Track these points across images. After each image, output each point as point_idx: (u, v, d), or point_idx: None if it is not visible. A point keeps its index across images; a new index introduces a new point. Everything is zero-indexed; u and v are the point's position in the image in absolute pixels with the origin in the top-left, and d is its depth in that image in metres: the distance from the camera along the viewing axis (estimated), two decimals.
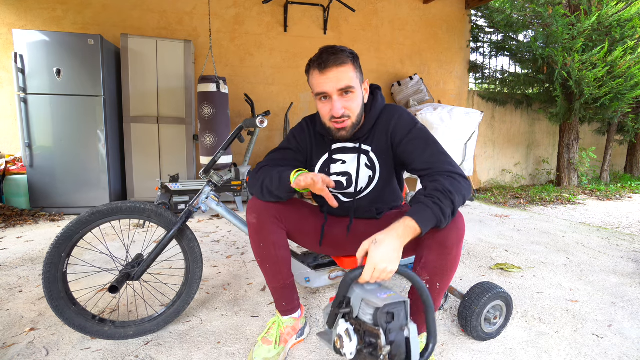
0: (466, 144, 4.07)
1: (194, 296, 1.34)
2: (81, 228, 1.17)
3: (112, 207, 1.20)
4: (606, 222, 3.17)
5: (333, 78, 1.01)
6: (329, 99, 1.05)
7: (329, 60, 1.01)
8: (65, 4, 3.54)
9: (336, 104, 1.03)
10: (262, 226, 1.11)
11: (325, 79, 1.02)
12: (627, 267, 2.02)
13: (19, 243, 2.31)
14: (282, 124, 4.26)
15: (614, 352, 1.22)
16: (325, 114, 1.08)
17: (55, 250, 1.14)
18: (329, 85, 1.02)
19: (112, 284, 1.12)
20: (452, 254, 0.96)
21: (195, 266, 1.33)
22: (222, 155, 1.38)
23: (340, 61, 1.01)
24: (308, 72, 1.09)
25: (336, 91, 1.02)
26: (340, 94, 1.04)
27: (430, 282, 0.99)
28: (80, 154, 3.13)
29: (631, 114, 5.11)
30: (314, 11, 4.26)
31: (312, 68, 1.06)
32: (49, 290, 1.13)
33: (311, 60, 1.07)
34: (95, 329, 1.20)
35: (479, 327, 1.24)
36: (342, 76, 1.01)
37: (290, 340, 1.20)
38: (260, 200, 1.12)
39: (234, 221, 1.38)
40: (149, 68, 3.40)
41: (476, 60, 5.36)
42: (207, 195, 1.35)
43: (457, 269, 0.99)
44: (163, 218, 1.28)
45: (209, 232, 2.65)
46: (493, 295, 1.24)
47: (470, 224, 3.02)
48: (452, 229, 0.94)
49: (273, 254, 1.14)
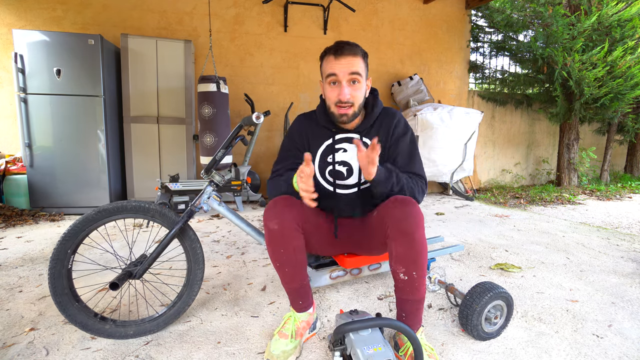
0: (466, 143, 4.07)
1: (194, 297, 1.34)
2: (87, 225, 1.19)
3: (117, 206, 1.22)
4: (606, 222, 3.17)
5: (346, 64, 1.13)
6: (338, 84, 1.16)
7: (344, 48, 1.14)
8: (65, 4, 3.54)
9: (344, 89, 1.15)
10: (284, 232, 1.12)
11: (338, 63, 1.14)
12: (627, 267, 2.02)
13: (19, 243, 2.31)
14: (282, 124, 4.26)
15: (614, 352, 1.22)
16: (333, 97, 1.17)
17: (61, 246, 1.16)
18: (342, 69, 1.13)
19: (113, 280, 1.13)
20: (416, 239, 1.05)
21: (197, 267, 1.33)
22: (224, 155, 1.38)
23: (354, 52, 1.15)
24: (322, 58, 1.20)
25: (347, 75, 1.14)
26: (349, 82, 1.15)
27: (408, 274, 1.08)
28: (80, 154, 3.13)
29: (631, 114, 5.10)
30: (314, 11, 4.26)
31: (328, 54, 1.17)
32: (54, 285, 1.15)
33: (327, 48, 1.19)
34: (96, 326, 1.20)
35: (479, 326, 1.24)
36: (354, 63, 1.14)
37: (304, 334, 1.24)
38: (280, 206, 1.13)
39: (236, 221, 1.38)
40: (149, 68, 3.40)
41: (476, 60, 5.36)
42: (209, 195, 1.35)
43: (426, 254, 1.08)
44: (166, 218, 1.29)
45: (209, 232, 2.65)
46: (494, 295, 1.24)
47: (470, 224, 3.02)
48: (408, 216, 1.05)
49: (293, 258, 1.15)
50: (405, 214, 1.05)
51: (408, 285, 1.10)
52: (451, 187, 4.40)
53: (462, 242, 2.47)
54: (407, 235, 1.05)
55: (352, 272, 1.55)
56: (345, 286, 1.71)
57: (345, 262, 1.48)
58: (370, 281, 1.77)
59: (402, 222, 1.05)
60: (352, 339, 0.94)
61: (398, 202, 1.08)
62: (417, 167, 1.25)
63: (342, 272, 1.53)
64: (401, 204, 1.07)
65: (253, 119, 1.30)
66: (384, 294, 1.64)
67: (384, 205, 1.14)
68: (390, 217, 1.08)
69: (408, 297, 1.11)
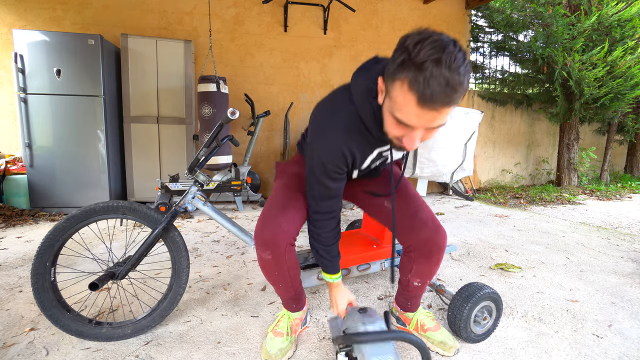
0: (466, 143, 4.07)
1: (184, 286, 1.33)
2: (60, 235, 1.16)
3: (86, 210, 1.19)
4: (606, 222, 3.17)
5: (431, 119, 0.74)
6: (410, 129, 0.79)
7: (438, 96, 0.69)
8: (65, 4, 3.54)
9: (416, 140, 0.80)
10: (278, 260, 1.05)
11: (419, 116, 0.73)
12: (627, 267, 2.02)
13: (19, 243, 2.31)
14: (282, 124, 4.26)
15: (614, 352, 1.22)
16: (393, 135, 0.84)
17: (39, 260, 1.14)
18: (425, 123, 0.76)
19: (93, 281, 1.12)
20: (437, 261, 1.14)
21: (179, 255, 1.31)
22: (206, 154, 1.37)
23: (452, 102, 0.71)
24: (393, 77, 0.74)
25: (427, 127, 0.78)
26: (426, 131, 0.80)
27: (422, 282, 1.19)
28: (80, 154, 3.13)
29: (631, 114, 5.10)
30: (314, 11, 4.26)
31: (409, 87, 0.71)
32: (41, 300, 1.14)
33: (407, 66, 0.70)
34: (92, 332, 1.20)
35: (468, 329, 1.23)
36: (444, 116, 0.74)
37: (298, 329, 1.27)
38: (275, 231, 1.02)
39: (222, 221, 1.37)
40: (149, 68, 3.40)
41: (476, 60, 5.36)
42: (193, 195, 1.34)
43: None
44: (139, 213, 1.26)
45: (209, 232, 2.65)
46: (481, 297, 1.22)
47: (470, 224, 3.02)
48: (434, 244, 1.09)
49: (287, 276, 1.13)
50: (438, 242, 1.09)
51: (419, 289, 1.21)
52: (451, 187, 4.40)
53: (462, 242, 2.47)
54: (430, 260, 1.12)
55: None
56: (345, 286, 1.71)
57: None
58: (370, 281, 1.77)
59: (427, 245, 1.09)
60: (362, 346, 0.91)
61: (430, 224, 1.10)
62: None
63: None
64: (434, 229, 1.09)
65: (229, 115, 1.27)
66: (384, 294, 1.64)
67: (413, 216, 1.11)
68: (420, 239, 1.10)
69: (417, 293, 1.23)
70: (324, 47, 4.32)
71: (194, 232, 2.63)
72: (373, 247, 1.60)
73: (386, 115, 0.83)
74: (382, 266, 1.62)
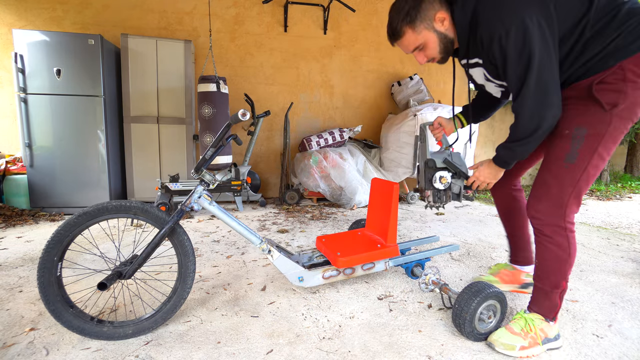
0: (466, 143, 4.07)
1: (189, 290, 1.34)
2: (71, 231, 1.17)
3: (98, 207, 1.20)
4: (606, 222, 3.17)
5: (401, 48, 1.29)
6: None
7: (390, 38, 1.26)
8: (65, 4, 3.54)
9: (418, 58, 1.29)
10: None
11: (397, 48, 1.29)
12: (627, 267, 2.02)
13: (19, 243, 2.31)
14: (282, 124, 4.26)
15: (614, 352, 1.22)
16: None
17: (47, 254, 1.14)
18: (403, 49, 1.28)
19: (102, 281, 1.13)
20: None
21: (187, 260, 1.32)
22: (213, 154, 1.37)
23: (396, 35, 1.24)
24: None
25: (410, 53, 1.28)
26: (416, 54, 1.28)
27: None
28: (80, 154, 3.13)
29: None
30: (314, 11, 4.26)
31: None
32: (45, 294, 1.15)
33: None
34: (94, 330, 1.20)
35: (473, 327, 1.24)
36: (403, 45, 1.26)
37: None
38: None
39: (228, 220, 1.37)
40: (149, 68, 3.40)
41: None
42: (199, 195, 1.34)
43: (574, 260, 1.21)
44: (150, 214, 1.27)
45: (209, 232, 2.65)
46: (486, 296, 1.23)
47: (470, 224, 3.02)
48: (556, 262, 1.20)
49: None
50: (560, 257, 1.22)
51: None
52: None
53: (462, 242, 2.47)
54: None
55: (345, 271, 1.55)
56: (345, 286, 1.71)
57: (338, 262, 1.48)
58: (370, 281, 1.77)
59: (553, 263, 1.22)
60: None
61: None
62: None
63: (335, 271, 1.53)
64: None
65: (239, 117, 1.28)
66: (384, 294, 1.64)
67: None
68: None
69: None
70: (324, 47, 4.32)
71: (194, 232, 2.63)
72: (377, 246, 1.61)
73: None
74: (386, 265, 1.63)
